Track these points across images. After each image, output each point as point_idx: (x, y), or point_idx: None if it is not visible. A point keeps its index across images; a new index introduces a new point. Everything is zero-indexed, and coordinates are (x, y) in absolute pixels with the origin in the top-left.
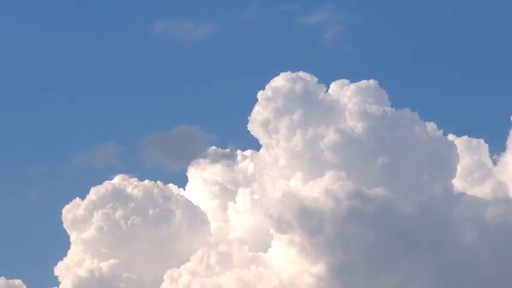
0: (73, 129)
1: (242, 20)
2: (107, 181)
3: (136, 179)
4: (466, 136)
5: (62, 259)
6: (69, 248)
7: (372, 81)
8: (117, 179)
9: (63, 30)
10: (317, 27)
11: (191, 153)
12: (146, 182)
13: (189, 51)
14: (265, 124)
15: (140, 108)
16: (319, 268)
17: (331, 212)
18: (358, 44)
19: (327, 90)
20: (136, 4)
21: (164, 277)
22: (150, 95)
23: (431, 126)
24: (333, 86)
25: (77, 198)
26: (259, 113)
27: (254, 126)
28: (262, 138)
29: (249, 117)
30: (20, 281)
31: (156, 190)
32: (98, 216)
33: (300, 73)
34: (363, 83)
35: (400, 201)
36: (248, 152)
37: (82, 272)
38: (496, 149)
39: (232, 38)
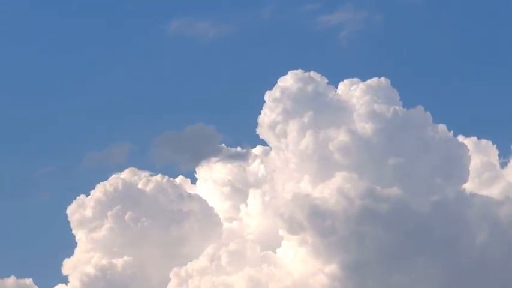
0: (86, 129)
1: (258, 19)
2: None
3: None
4: (475, 137)
5: (71, 258)
6: (77, 247)
7: (383, 79)
8: (126, 173)
9: (77, 28)
10: (335, 27)
11: (204, 153)
12: (158, 176)
13: (204, 50)
14: (273, 127)
15: (155, 107)
16: (332, 268)
17: (343, 212)
18: (373, 44)
19: (336, 90)
20: (153, 2)
21: (172, 275)
22: (164, 94)
23: (441, 127)
24: (343, 85)
25: (82, 195)
26: (266, 115)
27: (262, 129)
28: (272, 141)
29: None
30: (30, 280)
31: (166, 185)
32: (106, 213)
33: (308, 72)
34: (374, 81)
35: (414, 202)
36: (259, 153)
37: (90, 270)
38: (504, 150)
39: (248, 37)
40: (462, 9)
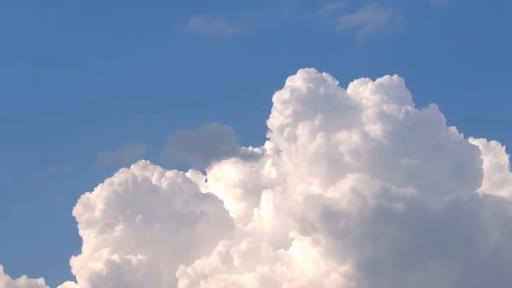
0: (100, 129)
1: (278, 18)
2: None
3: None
4: (485, 139)
5: (78, 257)
6: (84, 244)
7: (395, 77)
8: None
9: (91, 27)
10: (356, 27)
11: (217, 152)
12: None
13: (222, 48)
14: (282, 130)
15: (169, 106)
16: (346, 268)
17: (357, 212)
18: (391, 44)
19: (347, 91)
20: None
21: (183, 274)
22: (181, 92)
23: (453, 129)
24: (353, 85)
25: (86, 193)
26: (275, 118)
27: (272, 133)
28: (282, 144)
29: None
30: (42, 279)
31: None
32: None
33: (319, 73)
34: (385, 79)
35: (428, 203)
36: (271, 150)
37: (99, 269)
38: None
39: (266, 36)
40: (484, 11)
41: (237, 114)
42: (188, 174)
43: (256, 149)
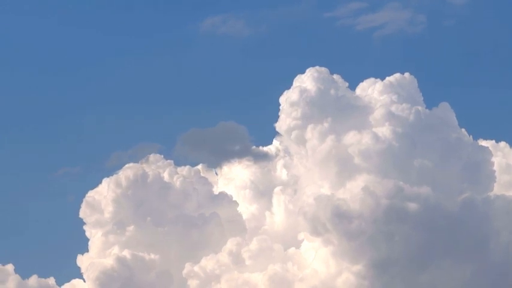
0: (113, 127)
1: (294, 18)
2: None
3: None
4: (493, 140)
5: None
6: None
7: (407, 75)
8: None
9: (107, 24)
10: (375, 27)
11: (230, 152)
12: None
13: (238, 48)
14: (291, 132)
15: (184, 106)
16: (358, 268)
17: (368, 212)
18: (407, 44)
19: (355, 90)
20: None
21: (194, 272)
22: (195, 91)
23: (462, 131)
24: (362, 86)
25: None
26: (283, 121)
27: (281, 134)
28: (292, 146)
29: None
30: (52, 279)
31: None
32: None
33: (324, 71)
34: (396, 77)
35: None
36: (282, 155)
37: (109, 267)
38: None
39: (282, 36)
40: (505, 12)
41: (251, 114)
42: (200, 172)
43: (268, 150)
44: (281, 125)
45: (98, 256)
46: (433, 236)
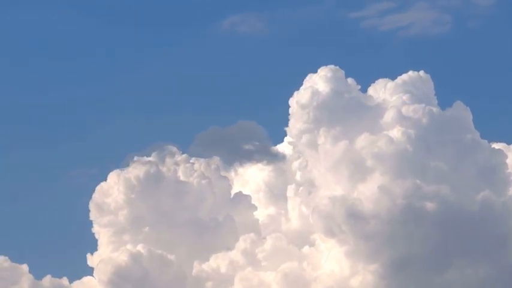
0: (129, 128)
1: (317, 18)
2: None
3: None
4: (504, 143)
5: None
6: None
7: (422, 73)
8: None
9: (127, 24)
10: (399, 28)
11: (244, 153)
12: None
13: (259, 47)
14: (302, 135)
15: (202, 105)
16: (374, 267)
17: (386, 211)
18: (429, 45)
19: (366, 91)
20: None
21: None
22: (215, 91)
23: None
24: (374, 86)
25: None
26: (294, 126)
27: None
28: (304, 149)
29: (286, 128)
30: (66, 279)
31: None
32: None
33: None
34: (410, 75)
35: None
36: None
37: (122, 264)
38: None
39: (304, 35)
40: None
41: (270, 113)
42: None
43: (283, 150)
44: (291, 129)
45: (109, 256)
46: (451, 236)
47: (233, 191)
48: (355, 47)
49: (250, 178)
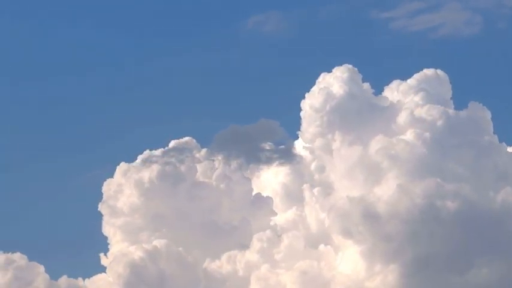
0: (146, 126)
1: (346, 17)
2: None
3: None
4: None
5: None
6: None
7: (439, 71)
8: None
9: (149, 25)
10: (429, 28)
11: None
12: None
13: (281, 47)
14: (316, 138)
15: (224, 105)
16: (392, 268)
17: (405, 211)
18: (457, 47)
19: (380, 93)
20: None
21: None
22: (237, 90)
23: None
24: (390, 88)
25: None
26: (306, 130)
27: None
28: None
29: (298, 132)
30: (81, 279)
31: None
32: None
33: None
34: (426, 74)
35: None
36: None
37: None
38: None
39: (327, 35)
40: None
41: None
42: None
43: (300, 150)
44: (303, 135)
45: (122, 254)
46: (471, 236)
47: (253, 192)
48: (383, 46)
49: (269, 178)
